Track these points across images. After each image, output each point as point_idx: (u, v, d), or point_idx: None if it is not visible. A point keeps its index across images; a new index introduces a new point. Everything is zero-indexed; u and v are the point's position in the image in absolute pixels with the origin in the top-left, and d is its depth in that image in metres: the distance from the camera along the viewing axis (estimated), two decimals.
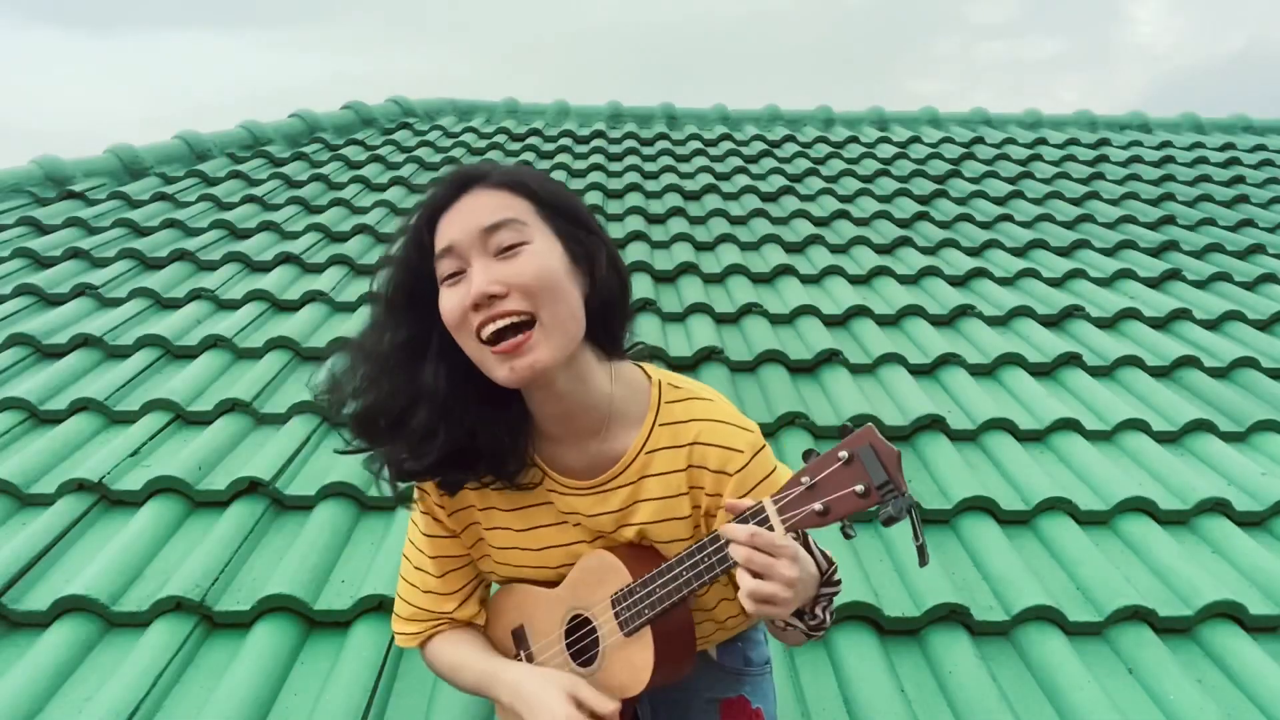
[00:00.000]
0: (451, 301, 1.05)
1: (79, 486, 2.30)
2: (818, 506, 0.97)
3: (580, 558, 1.20)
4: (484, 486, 1.19)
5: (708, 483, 1.14)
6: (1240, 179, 5.12)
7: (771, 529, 1.00)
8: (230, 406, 2.64)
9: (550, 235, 1.07)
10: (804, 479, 0.99)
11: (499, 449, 1.13)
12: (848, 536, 1.00)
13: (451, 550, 1.27)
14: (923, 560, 0.99)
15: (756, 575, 0.98)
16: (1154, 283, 3.74)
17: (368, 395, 1.10)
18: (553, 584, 1.24)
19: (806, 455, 1.02)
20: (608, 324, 1.14)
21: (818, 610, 1.05)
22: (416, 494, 1.25)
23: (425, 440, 1.09)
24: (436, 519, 1.25)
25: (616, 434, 1.15)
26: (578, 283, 1.08)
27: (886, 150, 5.53)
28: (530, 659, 1.29)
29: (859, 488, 0.95)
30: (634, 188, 4.66)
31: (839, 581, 1.08)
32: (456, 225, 1.05)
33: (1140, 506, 2.35)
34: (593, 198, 4.48)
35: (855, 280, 3.69)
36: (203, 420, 2.63)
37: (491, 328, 1.02)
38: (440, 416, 1.08)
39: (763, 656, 1.38)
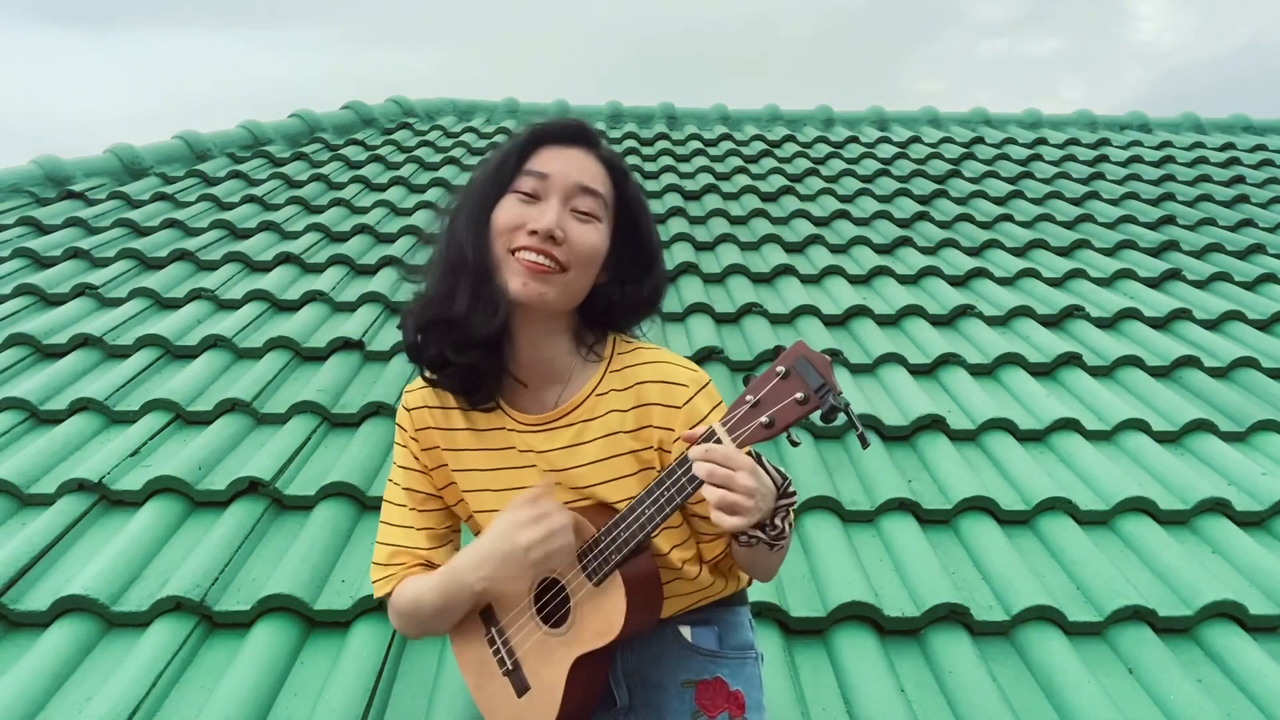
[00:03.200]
0: (514, 212, 1.19)
1: (79, 486, 2.30)
2: (764, 419, 1.05)
3: None
4: (452, 409, 1.30)
5: (655, 416, 1.22)
6: (1240, 179, 5.12)
7: None
8: (230, 406, 2.64)
9: (609, 228, 1.24)
10: (748, 398, 1.07)
11: (483, 371, 1.24)
12: (794, 443, 1.10)
13: (423, 486, 1.34)
14: (864, 444, 1.06)
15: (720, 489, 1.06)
16: (1154, 283, 3.74)
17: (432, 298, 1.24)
18: None
19: (746, 380, 1.10)
20: (606, 314, 1.28)
21: (777, 520, 1.11)
22: (397, 428, 1.37)
23: (484, 339, 1.21)
24: (412, 454, 1.34)
25: (575, 383, 1.27)
26: (600, 273, 1.25)
27: (886, 150, 5.53)
28: (501, 633, 1.30)
29: (799, 395, 1.03)
30: None
31: (794, 493, 1.13)
32: (560, 165, 1.20)
33: (1140, 506, 2.35)
34: None
35: (855, 280, 3.69)
36: (203, 420, 2.63)
37: (531, 256, 1.16)
38: (502, 319, 1.21)
39: (744, 641, 1.36)
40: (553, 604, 1.25)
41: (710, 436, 1.08)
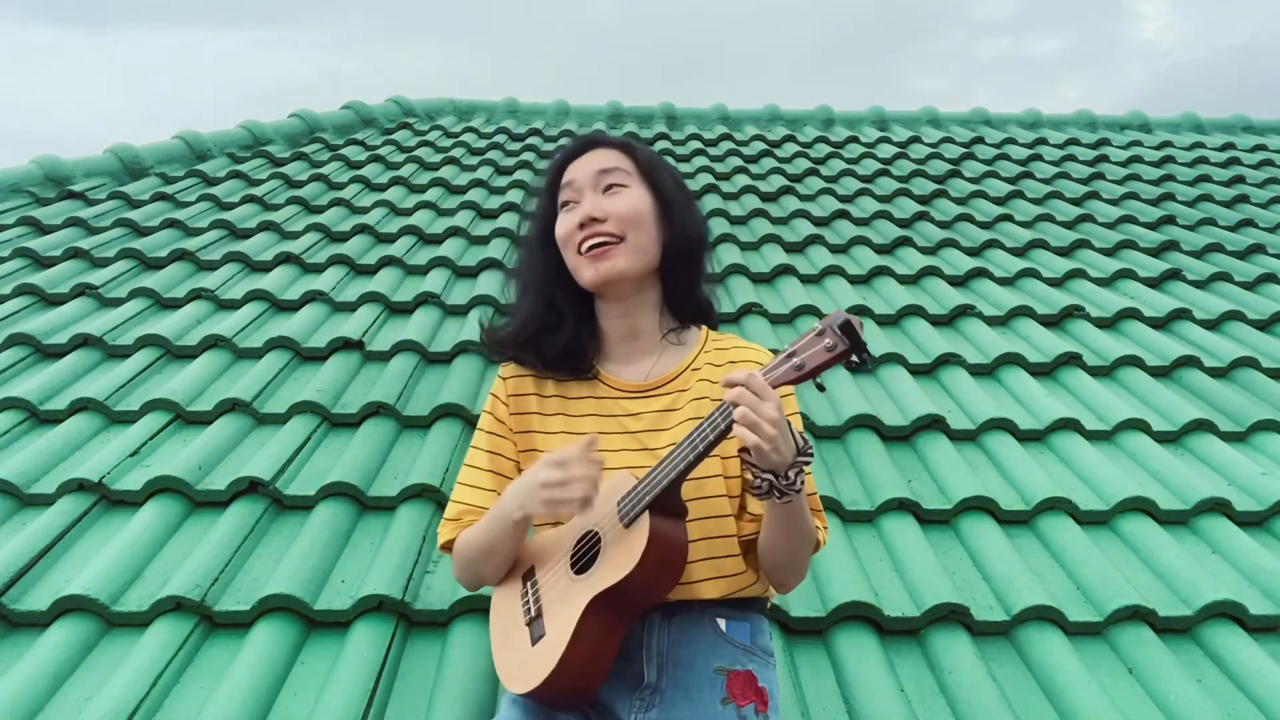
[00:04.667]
0: (565, 222, 1.41)
1: (79, 486, 2.30)
2: (795, 362, 1.18)
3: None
4: (550, 379, 1.46)
5: None
6: (1240, 179, 5.12)
7: None
8: (230, 406, 2.64)
9: (644, 187, 1.43)
10: (788, 349, 1.21)
11: (578, 343, 1.44)
12: (820, 389, 1.20)
13: (504, 450, 1.47)
14: (870, 361, 1.19)
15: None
16: (1154, 283, 3.74)
17: (519, 307, 1.49)
18: None
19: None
20: (680, 275, 1.46)
21: (790, 473, 1.20)
22: (490, 397, 1.50)
23: (536, 323, 1.45)
24: (499, 418, 1.47)
25: (668, 359, 1.45)
26: (658, 227, 1.43)
27: (886, 150, 5.53)
28: (535, 585, 1.37)
29: (828, 343, 1.16)
30: None
31: (811, 453, 1.24)
32: (578, 169, 1.43)
33: (1140, 506, 2.35)
34: None
35: (855, 280, 3.69)
36: (203, 420, 2.63)
37: (590, 242, 1.37)
38: (552, 311, 1.45)
39: (767, 646, 1.41)
40: (589, 555, 1.31)
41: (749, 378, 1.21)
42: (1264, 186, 5.01)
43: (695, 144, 5.56)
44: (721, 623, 1.36)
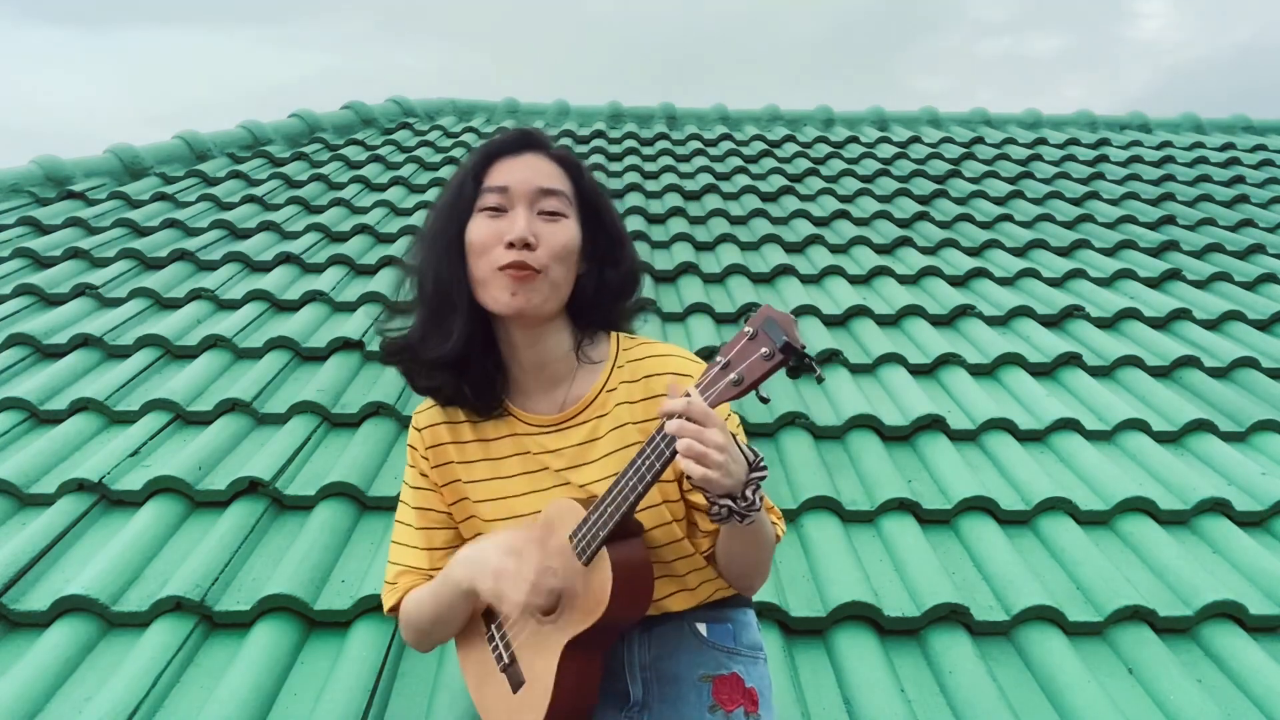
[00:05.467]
0: (486, 229, 1.23)
1: (79, 486, 2.30)
2: (733, 377, 1.08)
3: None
4: (461, 423, 1.34)
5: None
6: (1240, 179, 5.12)
7: None
8: (230, 406, 2.64)
9: (577, 221, 1.28)
10: (719, 359, 1.11)
11: (483, 380, 1.30)
12: (763, 400, 1.11)
13: (434, 504, 1.37)
14: (820, 379, 1.10)
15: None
16: (1154, 283, 3.74)
17: (434, 320, 1.29)
18: None
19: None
20: (594, 305, 1.32)
21: (748, 493, 1.13)
22: (408, 449, 1.38)
23: (439, 361, 1.27)
24: (422, 472, 1.37)
25: (581, 381, 1.32)
26: (578, 264, 1.29)
27: (886, 150, 5.53)
28: (499, 628, 1.33)
29: (764, 351, 1.06)
30: (634, 188, 4.66)
31: (765, 468, 1.16)
32: (518, 174, 1.24)
33: (1140, 506, 2.35)
34: None
35: (855, 280, 3.69)
36: (203, 420, 2.63)
37: (513, 260, 1.20)
38: (457, 345, 1.26)
39: (755, 642, 1.38)
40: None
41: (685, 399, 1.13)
42: (1264, 186, 5.01)
43: (695, 144, 5.56)
44: (702, 627, 1.33)
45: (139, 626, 1.95)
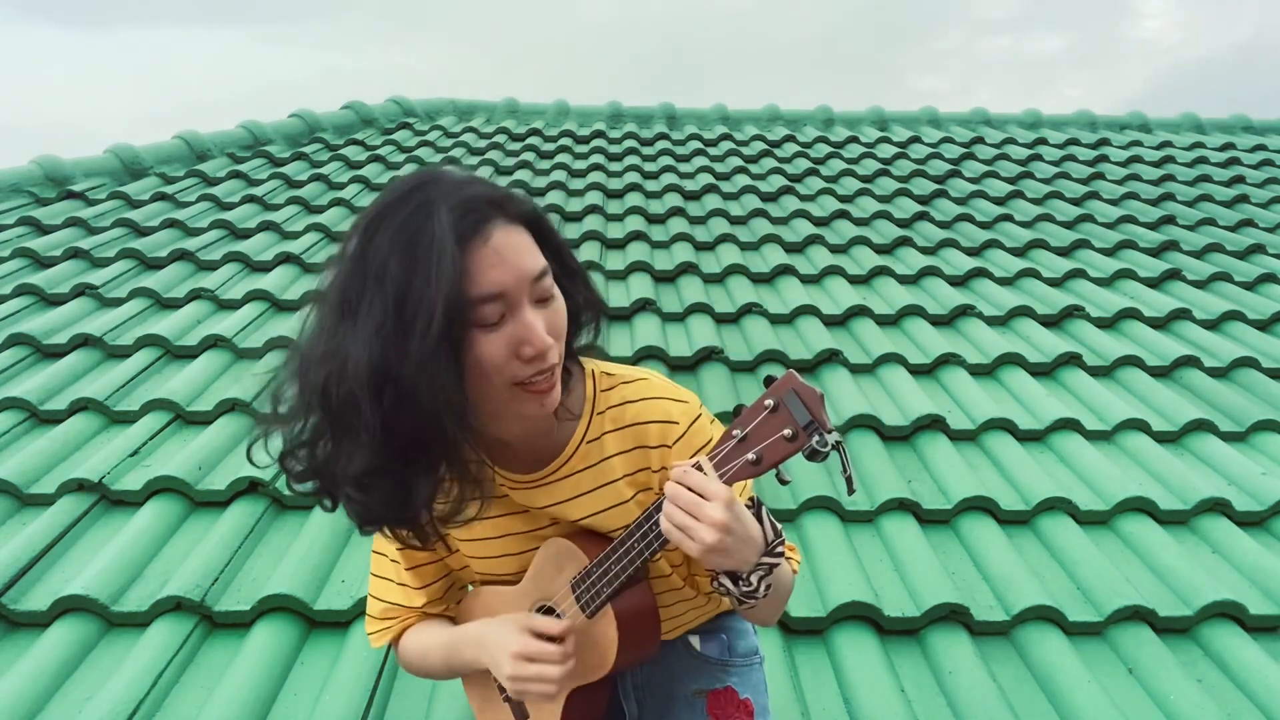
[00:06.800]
0: (496, 349, 0.96)
1: (79, 486, 2.30)
2: (751, 456, 0.98)
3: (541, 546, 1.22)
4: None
5: (654, 459, 1.15)
6: (1240, 179, 5.12)
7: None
8: (230, 406, 2.64)
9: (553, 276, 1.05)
10: (735, 432, 1.00)
11: (470, 475, 1.07)
12: (783, 482, 1.01)
13: (421, 559, 1.28)
14: (850, 489, 0.99)
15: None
16: (1154, 283, 3.74)
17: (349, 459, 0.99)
18: (518, 579, 1.25)
19: (738, 410, 1.03)
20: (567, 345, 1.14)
21: (752, 578, 1.03)
22: None
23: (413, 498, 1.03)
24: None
25: (561, 429, 1.15)
26: None
27: (886, 150, 5.53)
28: None
29: (787, 432, 0.95)
30: (634, 188, 4.66)
31: (781, 554, 1.04)
32: (508, 270, 0.96)
33: (1140, 506, 2.35)
34: (593, 198, 4.48)
35: (855, 280, 3.69)
36: (203, 420, 2.63)
37: (542, 377, 1.00)
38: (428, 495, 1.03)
39: (750, 647, 1.37)
40: None
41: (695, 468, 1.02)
42: (1264, 186, 5.01)
43: (695, 144, 5.56)
44: (695, 641, 1.32)
45: (139, 626, 1.95)
